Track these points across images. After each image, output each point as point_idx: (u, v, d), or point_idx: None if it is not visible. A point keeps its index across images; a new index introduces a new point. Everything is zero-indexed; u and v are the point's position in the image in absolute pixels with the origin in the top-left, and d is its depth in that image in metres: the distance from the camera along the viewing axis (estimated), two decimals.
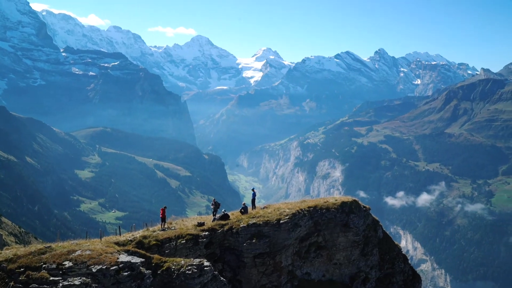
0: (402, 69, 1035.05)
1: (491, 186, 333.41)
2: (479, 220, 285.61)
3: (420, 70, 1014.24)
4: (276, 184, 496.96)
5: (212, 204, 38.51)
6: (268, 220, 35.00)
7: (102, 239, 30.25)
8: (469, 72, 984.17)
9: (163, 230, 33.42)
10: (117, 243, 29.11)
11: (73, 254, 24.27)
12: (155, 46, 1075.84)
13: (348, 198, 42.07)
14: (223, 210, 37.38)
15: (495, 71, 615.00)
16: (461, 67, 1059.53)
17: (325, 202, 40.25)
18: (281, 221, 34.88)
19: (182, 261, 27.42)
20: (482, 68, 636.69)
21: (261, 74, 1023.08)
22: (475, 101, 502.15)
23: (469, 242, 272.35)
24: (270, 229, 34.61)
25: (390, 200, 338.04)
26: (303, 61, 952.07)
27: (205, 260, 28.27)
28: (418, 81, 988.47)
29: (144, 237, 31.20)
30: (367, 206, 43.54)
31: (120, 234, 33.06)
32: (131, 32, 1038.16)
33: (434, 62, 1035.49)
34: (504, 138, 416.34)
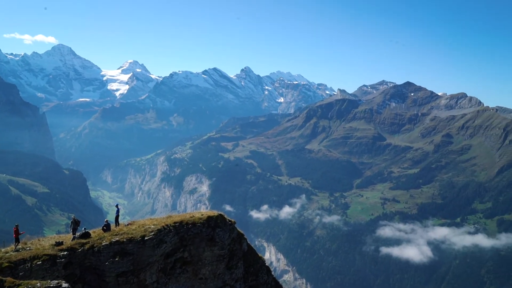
0: (266, 87, 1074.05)
1: (347, 199, 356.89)
2: (336, 230, 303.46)
3: (283, 89, 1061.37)
4: (142, 200, 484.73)
5: (71, 222, 36.33)
6: (132, 237, 33.94)
7: None
8: (327, 92, 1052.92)
9: (17, 251, 30.88)
10: None
11: None
12: (11, 54, 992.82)
13: (214, 213, 42.28)
14: (83, 228, 35.44)
15: (350, 92, 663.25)
16: (320, 87, 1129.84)
17: (191, 217, 40.06)
18: (145, 238, 34.03)
19: (38, 283, 25.51)
20: (338, 88, 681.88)
21: (127, 87, 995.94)
22: (333, 119, 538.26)
23: (327, 252, 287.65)
24: (134, 246, 33.56)
25: (255, 214, 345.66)
26: (171, 75, 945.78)
27: (64, 281, 26.59)
28: (281, 99, 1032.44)
29: None
30: (233, 220, 44.11)
31: None
32: None
33: (296, 82, 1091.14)
34: (358, 154, 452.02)
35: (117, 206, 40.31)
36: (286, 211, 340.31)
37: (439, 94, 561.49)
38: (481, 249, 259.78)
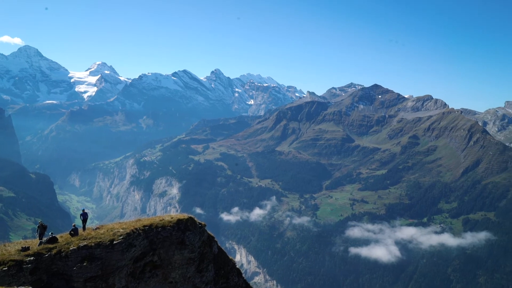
0: (236, 89, 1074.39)
1: (317, 200, 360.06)
2: (306, 232, 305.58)
3: (253, 91, 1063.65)
4: (111, 203, 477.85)
5: (38, 227, 35.77)
6: (100, 241, 33.61)
7: None
8: (297, 94, 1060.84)
9: None
10: None
11: None
12: None
13: (184, 216, 42.16)
14: (50, 233, 34.92)
15: (319, 94, 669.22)
16: (290, 89, 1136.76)
17: (161, 220, 39.87)
18: (114, 242, 33.74)
19: None
20: (308, 91, 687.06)
21: (95, 89, 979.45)
22: (302, 121, 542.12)
23: (297, 253, 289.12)
24: (102, 250, 33.25)
25: (225, 216, 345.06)
26: (140, 77, 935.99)
27: (30, 287, 26.23)
28: (252, 102, 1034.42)
29: None
30: (203, 223, 44.10)
31: None
32: None
33: (266, 84, 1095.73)
34: (327, 156, 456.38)
35: (83, 210, 39.81)
36: (257, 213, 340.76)
37: (406, 96, 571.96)
38: (447, 248, 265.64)
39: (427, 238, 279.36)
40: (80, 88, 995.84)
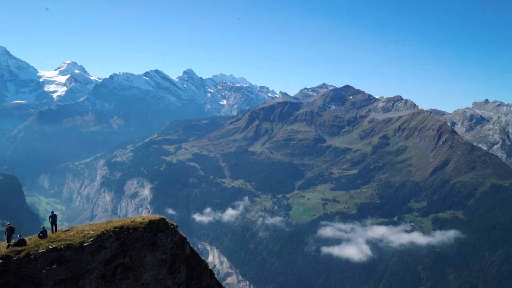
0: (209, 89, 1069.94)
1: (289, 200, 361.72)
2: (279, 232, 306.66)
3: (226, 91, 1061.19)
4: (81, 205, 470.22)
5: (6, 229, 35.11)
6: (70, 243, 33.21)
7: None
8: (269, 95, 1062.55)
9: None
10: None
11: None
12: None
13: (156, 217, 41.95)
14: (19, 235, 34.35)
15: (292, 95, 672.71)
16: (262, 90, 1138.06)
17: (132, 222, 39.58)
18: (84, 244, 33.38)
19: None
20: (280, 91, 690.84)
21: (65, 88, 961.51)
22: (275, 121, 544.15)
23: (270, 253, 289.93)
24: (72, 253, 32.86)
25: (198, 217, 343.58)
26: (111, 77, 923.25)
27: None
28: (224, 102, 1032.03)
29: None
30: (175, 224, 43.94)
31: None
32: None
33: (239, 85, 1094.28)
34: (299, 156, 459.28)
35: (52, 212, 39.21)
36: (229, 214, 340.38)
37: (377, 97, 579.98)
38: (417, 246, 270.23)
39: (398, 237, 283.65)
40: (49, 88, 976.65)
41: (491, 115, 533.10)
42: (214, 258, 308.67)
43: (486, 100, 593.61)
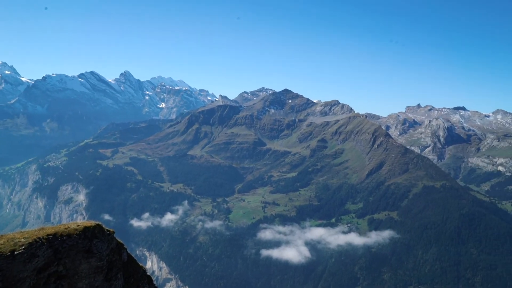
0: (147, 92, 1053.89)
1: (229, 204, 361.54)
2: (219, 235, 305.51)
3: (164, 94, 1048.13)
4: (12, 212, 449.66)
5: None
6: (0, 252, 31.59)
7: None
8: (209, 98, 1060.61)
9: None
10: None
11: None
12: None
13: (92, 223, 40.58)
14: None
15: (231, 98, 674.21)
16: (202, 93, 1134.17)
17: (66, 229, 38.05)
18: (15, 252, 31.79)
19: None
20: (220, 95, 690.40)
21: None
22: (215, 125, 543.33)
23: (210, 257, 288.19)
24: (2, 262, 31.20)
25: (135, 222, 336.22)
26: (44, 78, 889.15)
27: None
28: (163, 105, 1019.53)
29: None
30: (111, 230, 42.68)
31: None
32: None
33: (178, 87, 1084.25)
34: (239, 159, 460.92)
35: None
36: (168, 218, 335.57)
37: (315, 101, 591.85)
38: (354, 247, 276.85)
39: (335, 238, 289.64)
40: None
41: (423, 119, 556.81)
42: (152, 264, 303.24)
43: (418, 104, 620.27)
